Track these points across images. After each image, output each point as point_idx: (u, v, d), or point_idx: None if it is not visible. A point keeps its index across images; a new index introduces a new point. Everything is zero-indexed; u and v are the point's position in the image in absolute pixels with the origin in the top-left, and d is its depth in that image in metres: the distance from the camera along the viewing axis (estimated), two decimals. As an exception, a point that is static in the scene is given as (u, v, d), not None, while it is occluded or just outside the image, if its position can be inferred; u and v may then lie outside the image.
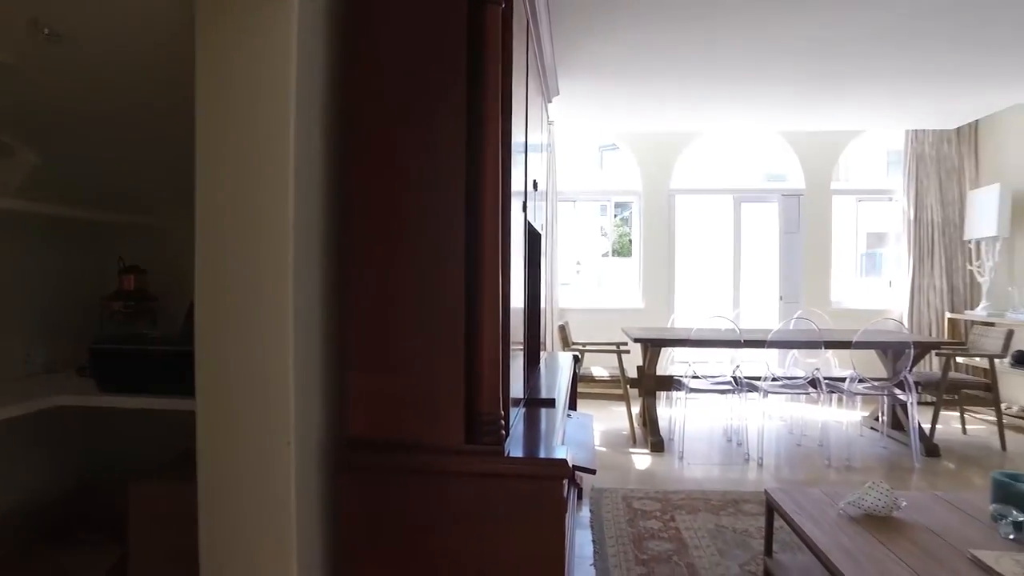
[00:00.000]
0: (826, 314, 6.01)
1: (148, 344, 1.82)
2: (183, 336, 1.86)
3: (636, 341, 4.73)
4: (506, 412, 1.63)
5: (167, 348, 1.78)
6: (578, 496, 3.51)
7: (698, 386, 4.56)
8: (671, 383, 4.81)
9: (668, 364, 5.49)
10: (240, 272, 1.43)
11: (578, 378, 4.13)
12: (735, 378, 4.62)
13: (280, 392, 1.42)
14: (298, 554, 1.43)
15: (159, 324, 2.24)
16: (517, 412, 1.94)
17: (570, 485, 1.92)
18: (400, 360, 1.56)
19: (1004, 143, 5.89)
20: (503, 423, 1.58)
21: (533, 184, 2.49)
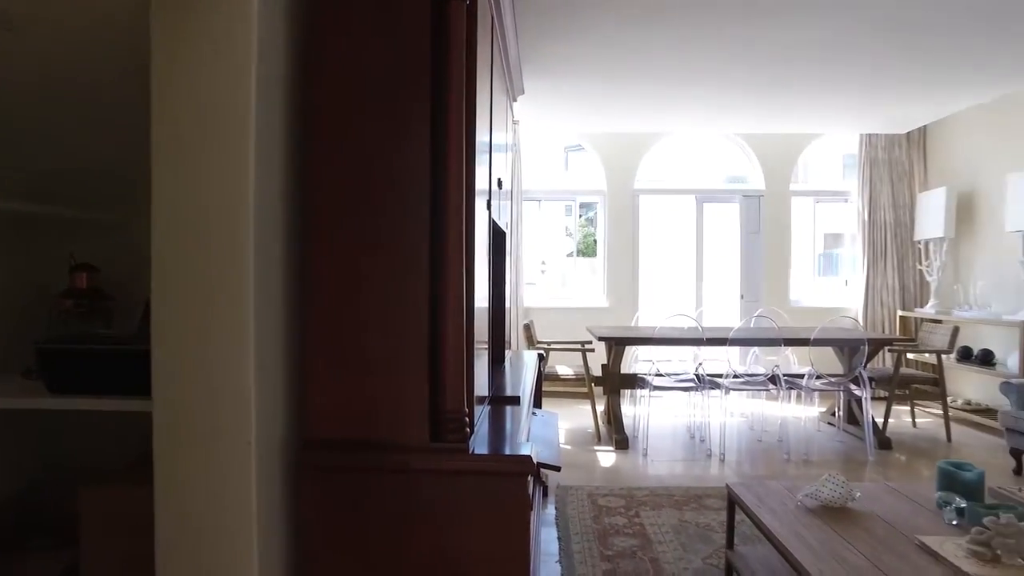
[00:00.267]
0: (785, 312, 6.15)
1: (101, 343, 1.76)
2: (139, 335, 1.81)
3: (601, 339, 4.77)
4: (471, 410, 1.63)
5: (120, 347, 1.72)
6: (543, 494, 3.52)
7: (662, 384, 4.63)
8: (635, 381, 4.87)
9: (632, 362, 5.56)
10: (198, 269, 1.40)
11: (543, 376, 4.15)
12: (698, 375, 4.70)
13: (241, 391, 1.39)
14: (259, 556, 1.41)
15: (114, 323, 2.17)
16: (482, 410, 1.94)
17: (535, 482, 1.93)
18: (363, 358, 1.54)
19: (950, 148, 6.13)
20: (468, 421, 1.57)
21: (498, 182, 2.49)
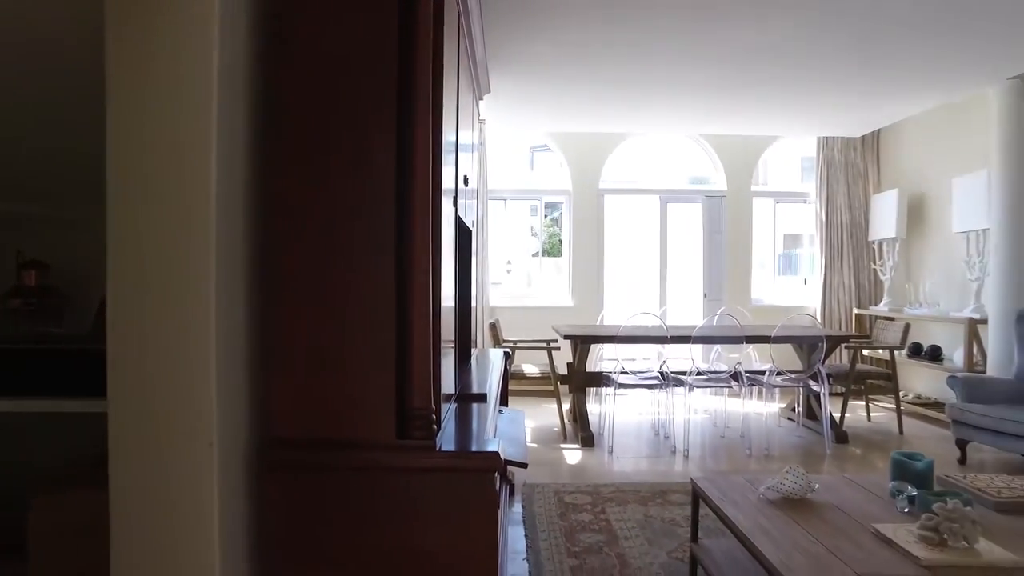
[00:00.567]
0: (747, 311, 6.27)
1: (51, 343, 1.70)
2: (93, 334, 1.75)
3: (566, 338, 4.79)
4: (437, 407, 1.62)
5: (71, 347, 1.67)
6: (510, 492, 3.52)
7: (627, 381, 4.67)
8: (600, 379, 4.91)
9: (598, 361, 5.60)
10: (157, 266, 1.36)
11: (509, 375, 4.15)
12: (662, 373, 4.76)
13: (202, 390, 1.35)
14: (222, 560, 1.37)
15: (66, 322, 2.09)
16: (449, 408, 1.93)
17: (502, 479, 1.92)
18: (329, 356, 1.52)
19: (901, 151, 6.34)
20: (435, 418, 1.56)
21: (464, 180, 2.48)
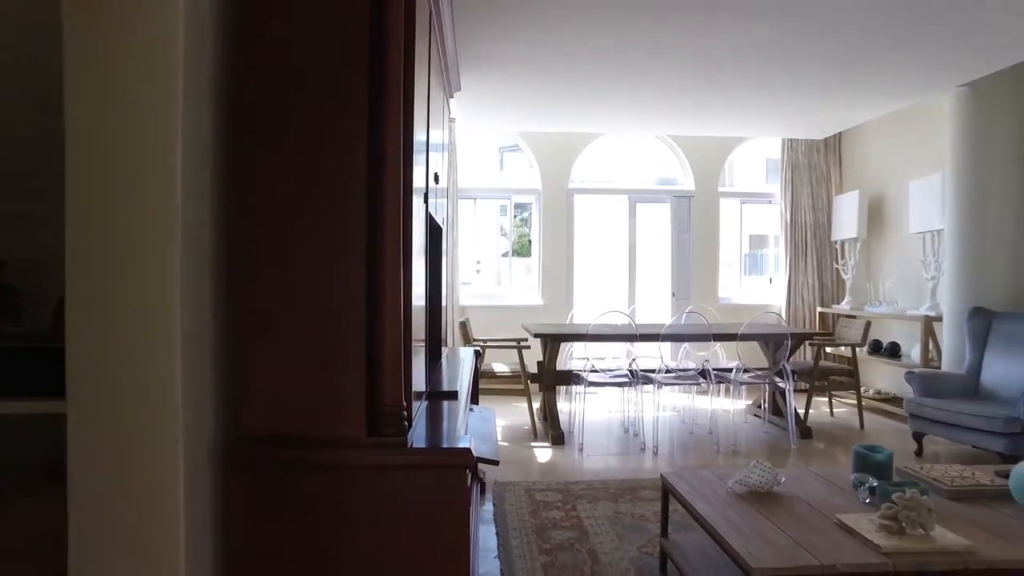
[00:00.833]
0: (714, 309, 6.36)
1: (8, 342, 1.64)
2: (52, 332, 1.69)
3: (536, 336, 4.81)
4: (409, 404, 1.61)
5: (29, 345, 1.61)
6: (481, 491, 3.52)
7: (597, 380, 4.71)
8: (571, 377, 4.93)
9: (567, 359, 5.62)
10: (119, 263, 1.32)
11: (479, 374, 4.14)
12: (631, 371, 4.81)
13: (167, 388, 1.32)
14: (187, 561, 1.34)
15: (25, 320, 2.02)
16: (420, 405, 1.92)
17: (473, 477, 1.92)
18: (299, 352, 1.50)
19: (862, 154, 6.51)
20: (406, 414, 1.55)
21: (434, 177, 2.47)
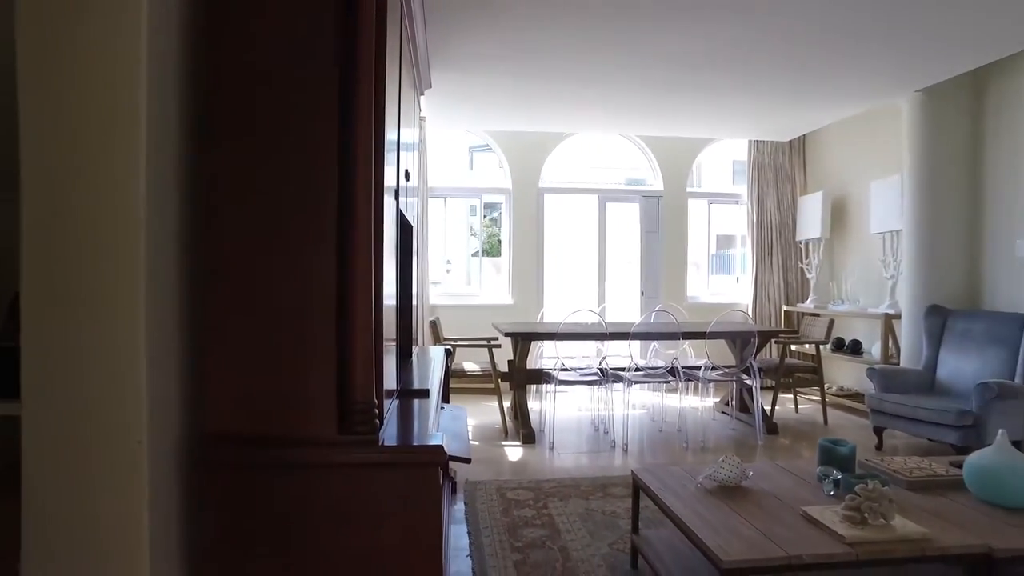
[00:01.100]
0: (683, 308, 6.45)
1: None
2: (4, 331, 1.63)
3: (507, 335, 4.81)
4: (380, 401, 1.59)
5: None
6: (452, 490, 3.50)
7: (567, 378, 4.73)
8: (541, 376, 4.94)
9: (538, 358, 5.64)
10: (79, 260, 1.28)
11: (450, 373, 4.12)
12: (602, 369, 4.84)
13: (130, 387, 1.28)
14: (152, 563, 1.30)
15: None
16: (391, 403, 1.90)
17: (445, 475, 1.91)
18: (267, 349, 1.47)
19: (825, 155, 6.67)
20: (377, 412, 1.54)
21: (405, 174, 2.45)
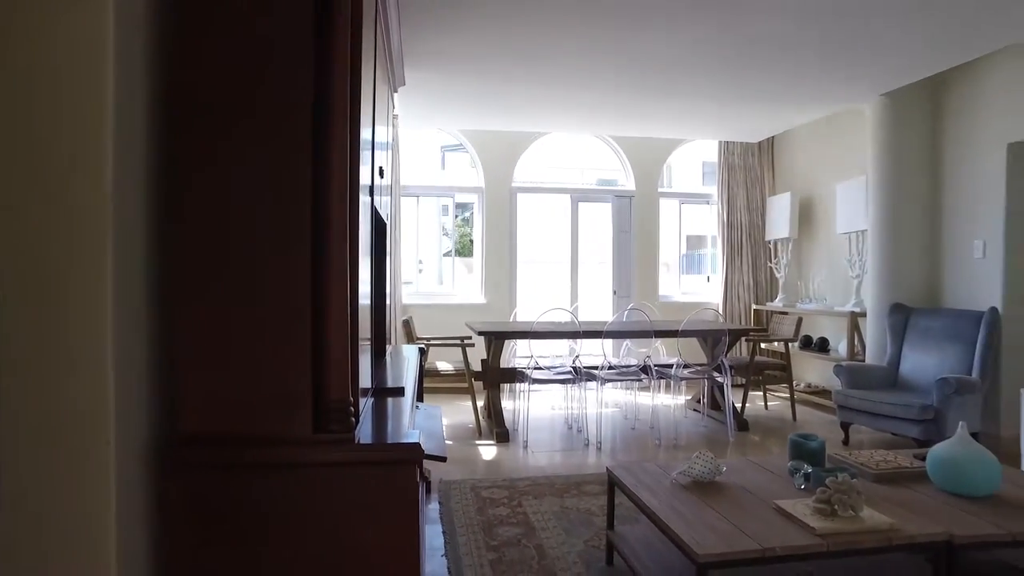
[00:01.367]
0: (655, 307, 6.51)
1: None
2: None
3: (480, 334, 4.80)
4: (356, 400, 1.58)
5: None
6: (426, 490, 3.48)
7: (540, 377, 4.74)
8: (515, 375, 4.95)
9: (511, 358, 5.64)
10: (45, 257, 1.24)
11: (424, 372, 4.10)
12: (575, 368, 4.86)
13: (97, 386, 1.24)
14: (119, 568, 1.27)
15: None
16: (366, 402, 1.88)
17: (420, 473, 1.90)
18: (241, 348, 1.44)
19: (793, 157, 6.80)
20: (353, 410, 1.52)
21: (379, 171, 2.43)
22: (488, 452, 4.39)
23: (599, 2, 3.45)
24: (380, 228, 2.58)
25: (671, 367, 4.90)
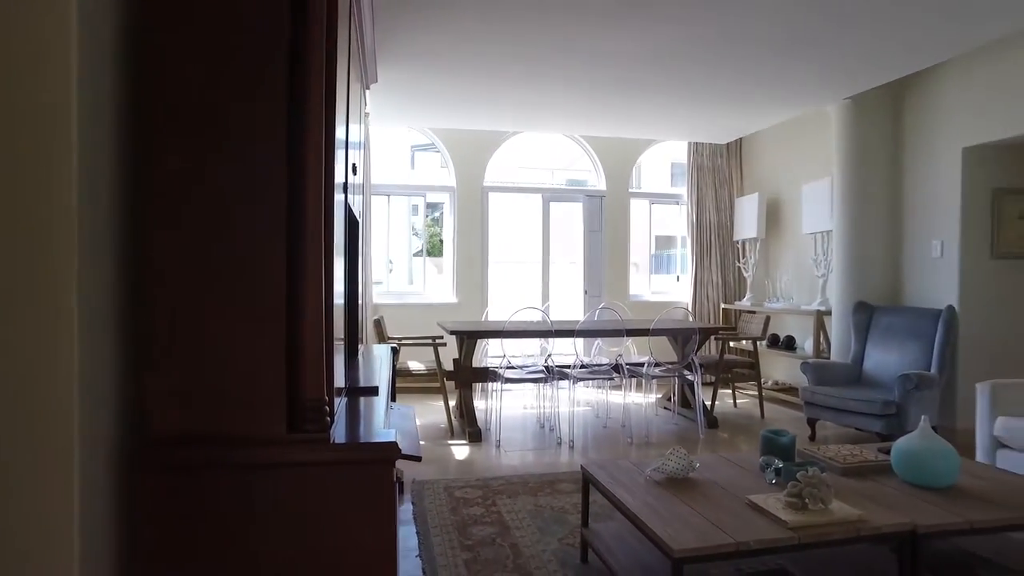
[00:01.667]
0: (626, 306, 6.57)
1: None
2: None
3: (452, 333, 4.78)
4: (331, 399, 1.55)
5: None
6: (400, 490, 3.45)
7: (513, 376, 4.74)
8: (487, 374, 4.94)
9: (483, 357, 5.63)
10: (7, 248, 1.19)
11: (396, 371, 4.07)
12: (547, 367, 4.87)
13: (59, 387, 1.20)
14: (82, 570, 1.22)
15: None
16: (340, 402, 1.86)
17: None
18: (213, 347, 1.41)
19: (761, 158, 6.92)
20: (328, 410, 1.50)
21: (352, 168, 2.40)
22: (461, 452, 4.37)
23: (570, 1, 3.47)
24: (352, 226, 2.55)
25: (643, 366, 4.94)
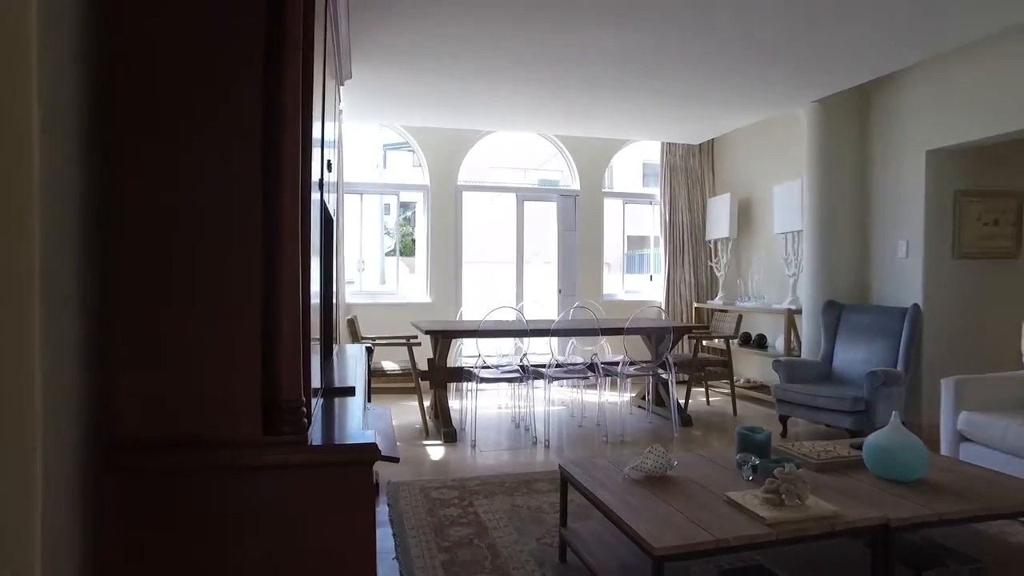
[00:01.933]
0: (599, 305, 6.59)
1: None
2: None
3: (427, 333, 4.74)
4: (308, 400, 1.52)
5: None
6: (376, 492, 3.41)
7: (488, 375, 4.72)
8: (462, 374, 4.91)
9: (457, 357, 5.60)
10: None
11: (370, 372, 4.01)
12: (522, 366, 4.86)
13: (20, 390, 1.15)
14: (48, 583, 1.17)
15: None
16: (317, 402, 1.82)
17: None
18: (184, 345, 1.36)
19: (732, 159, 7.02)
20: (305, 411, 1.46)
21: (328, 164, 2.36)
22: (436, 452, 4.34)
23: (543, 3, 3.46)
24: (327, 224, 2.50)
25: (617, 364, 4.96)
